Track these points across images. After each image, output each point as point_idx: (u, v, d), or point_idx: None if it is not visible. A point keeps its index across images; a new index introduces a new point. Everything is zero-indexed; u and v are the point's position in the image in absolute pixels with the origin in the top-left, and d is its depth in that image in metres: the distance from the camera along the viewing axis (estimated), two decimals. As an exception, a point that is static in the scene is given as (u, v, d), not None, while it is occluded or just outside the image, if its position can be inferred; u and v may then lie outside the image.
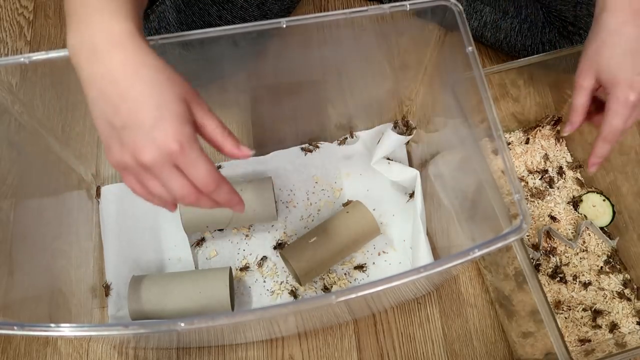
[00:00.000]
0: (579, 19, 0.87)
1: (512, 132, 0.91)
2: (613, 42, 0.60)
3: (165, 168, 0.46)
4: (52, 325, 0.48)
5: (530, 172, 0.88)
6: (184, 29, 0.82)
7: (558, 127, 0.91)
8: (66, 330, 0.48)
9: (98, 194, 0.85)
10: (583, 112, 0.64)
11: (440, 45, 0.70)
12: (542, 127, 0.90)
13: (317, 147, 0.89)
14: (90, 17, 0.46)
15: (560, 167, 0.89)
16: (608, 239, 0.83)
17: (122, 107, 0.45)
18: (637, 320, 0.79)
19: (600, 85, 0.63)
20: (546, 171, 0.88)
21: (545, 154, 0.90)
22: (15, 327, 0.48)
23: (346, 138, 0.90)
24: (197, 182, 0.47)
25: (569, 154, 0.91)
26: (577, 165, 0.89)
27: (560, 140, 0.91)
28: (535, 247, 0.82)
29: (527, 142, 0.90)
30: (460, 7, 0.61)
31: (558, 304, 0.79)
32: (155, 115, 0.45)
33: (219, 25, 0.85)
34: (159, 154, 0.45)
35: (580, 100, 0.63)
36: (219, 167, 0.89)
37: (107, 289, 0.79)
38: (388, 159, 0.88)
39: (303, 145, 0.90)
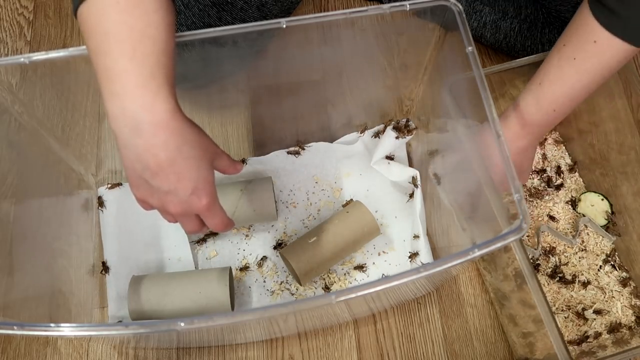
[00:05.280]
0: (579, 19, 0.87)
1: (511, 132, 0.91)
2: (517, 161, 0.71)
3: (186, 217, 0.54)
4: (52, 325, 0.48)
5: (530, 172, 0.88)
6: (183, 31, 0.81)
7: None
8: (66, 330, 0.48)
9: (101, 204, 0.84)
10: None
11: (440, 45, 0.70)
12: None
13: (303, 149, 0.88)
14: (133, 91, 0.47)
15: (559, 167, 0.89)
16: (607, 234, 0.83)
17: (160, 174, 0.49)
18: (637, 319, 0.79)
19: None
20: (545, 171, 0.88)
21: (544, 153, 0.90)
22: (15, 327, 0.48)
23: (365, 128, 0.89)
24: (212, 226, 0.56)
25: (567, 153, 0.91)
26: (575, 164, 0.89)
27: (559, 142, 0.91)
28: (534, 246, 0.82)
29: (526, 142, 0.90)
30: (460, 7, 0.61)
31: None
32: (192, 187, 0.50)
33: (219, 27, 0.85)
34: (188, 211, 0.52)
35: None
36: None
37: (104, 266, 0.79)
38: (389, 157, 0.88)
39: (289, 149, 0.88)
